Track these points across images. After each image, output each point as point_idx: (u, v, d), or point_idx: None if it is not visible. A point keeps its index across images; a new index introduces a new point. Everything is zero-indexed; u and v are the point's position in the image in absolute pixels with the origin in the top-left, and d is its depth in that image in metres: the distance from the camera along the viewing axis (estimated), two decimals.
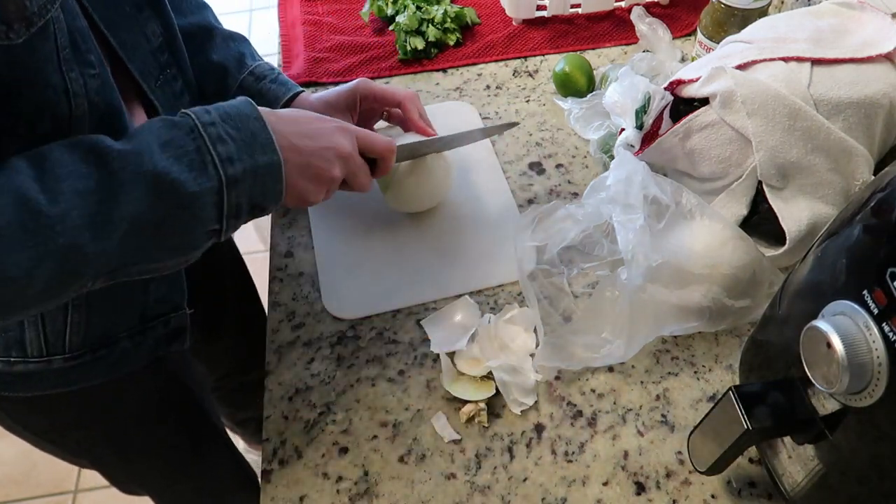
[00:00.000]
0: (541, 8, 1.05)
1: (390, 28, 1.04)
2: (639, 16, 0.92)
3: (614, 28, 1.05)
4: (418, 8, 1.03)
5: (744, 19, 0.83)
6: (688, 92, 0.72)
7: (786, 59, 0.69)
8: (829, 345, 0.42)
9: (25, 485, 1.56)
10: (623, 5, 1.06)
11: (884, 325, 0.41)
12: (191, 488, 0.98)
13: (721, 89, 0.67)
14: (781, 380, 0.52)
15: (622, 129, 0.76)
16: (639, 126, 0.73)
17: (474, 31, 1.06)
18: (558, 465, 0.62)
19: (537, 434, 0.64)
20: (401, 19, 1.01)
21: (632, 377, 0.67)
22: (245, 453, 1.46)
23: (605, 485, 0.61)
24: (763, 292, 0.67)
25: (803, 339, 0.46)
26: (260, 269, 0.89)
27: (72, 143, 0.48)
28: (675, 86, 0.73)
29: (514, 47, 1.03)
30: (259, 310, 1.08)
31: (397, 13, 1.04)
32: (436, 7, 1.04)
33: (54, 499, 1.54)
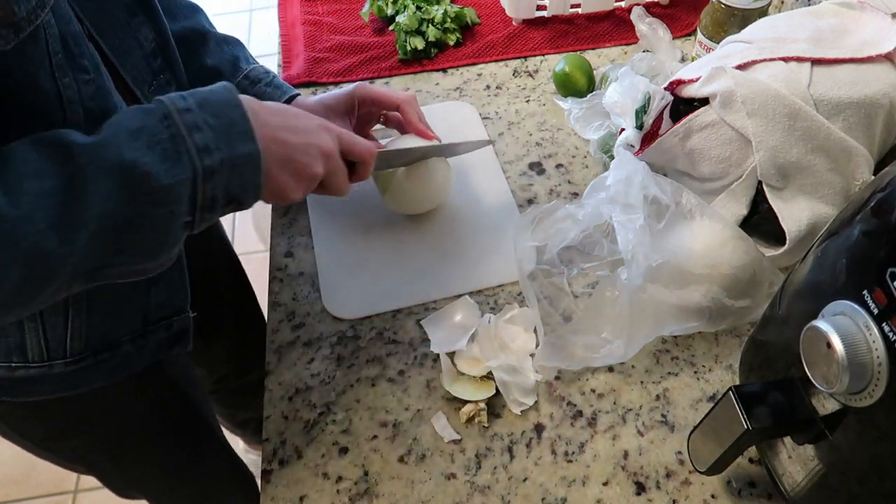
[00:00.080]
0: (541, 8, 1.05)
1: (390, 28, 1.04)
2: (639, 16, 0.92)
3: (614, 28, 1.05)
4: (418, 8, 1.03)
5: (744, 19, 0.83)
6: (688, 92, 0.72)
7: (786, 59, 0.69)
8: (829, 345, 0.42)
9: (25, 485, 1.56)
10: (623, 5, 1.06)
11: (884, 325, 0.41)
12: (188, 492, 0.98)
13: (721, 89, 0.67)
14: (781, 380, 0.52)
15: (622, 129, 0.76)
16: (639, 126, 0.73)
17: (474, 31, 1.06)
18: (558, 465, 0.62)
19: (537, 434, 0.64)
20: (401, 19, 1.01)
21: (632, 377, 0.67)
22: (245, 454, 1.46)
23: (605, 485, 0.61)
24: (763, 292, 0.67)
25: (803, 339, 0.46)
26: (260, 269, 0.89)
27: (36, 139, 0.46)
28: (675, 86, 0.73)
29: (514, 47, 1.03)
30: (256, 310, 1.08)
31: (397, 13, 1.04)
32: (436, 7, 1.04)
33: (54, 499, 1.54)
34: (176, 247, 0.53)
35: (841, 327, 0.42)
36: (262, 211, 0.86)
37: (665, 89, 0.73)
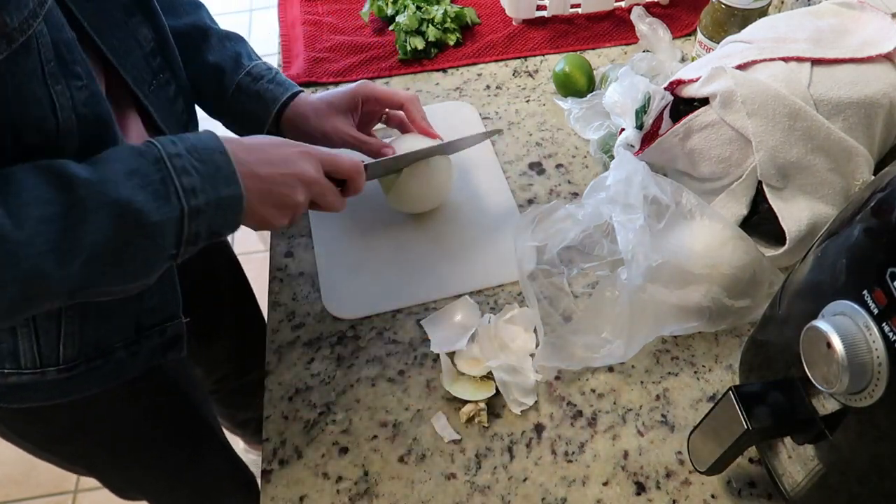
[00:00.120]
0: (541, 8, 1.05)
1: (390, 28, 1.04)
2: (639, 16, 0.92)
3: (614, 28, 1.05)
4: (418, 8, 1.03)
5: (744, 19, 0.83)
6: (688, 92, 0.72)
7: (786, 59, 0.69)
8: (829, 345, 0.42)
9: (25, 485, 1.56)
10: (623, 5, 1.06)
11: (884, 325, 0.41)
12: (188, 492, 0.98)
13: (721, 89, 0.67)
14: (781, 380, 0.52)
15: (622, 129, 0.76)
16: (639, 126, 0.73)
17: (474, 31, 1.06)
18: (558, 465, 0.62)
19: (537, 434, 0.64)
20: (401, 19, 1.01)
21: (632, 377, 0.67)
22: (244, 454, 1.46)
23: (605, 485, 0.61)
24: (763, 292, 0.67)
25: (803, 339, 0.46)
26: (260, 269, 0.89)
27: (38, 166, 0.48)
28: (675, 86, 0.73)
29: (514, 47, 1.03)
30: (256, 311, 1.08)
31: (397, 13, 1.04)
32: (436, 7, 1.04)
33: (54, 499, 1.54)
34: (156, 274, 0.56)
35: (841, 327, 0.42)
36: None
37: (665, 89, 0.73)
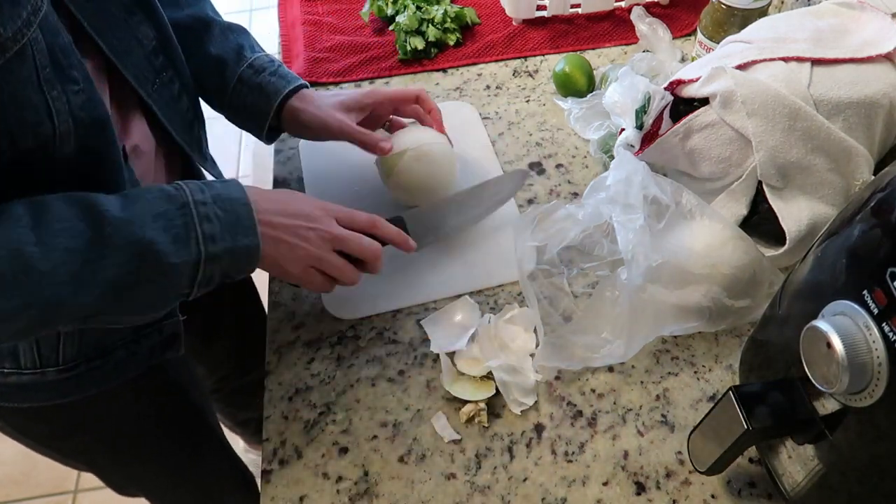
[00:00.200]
0: (541, 8, 1.05)
1: (390, 28, 1.04)
2: (639, 16, 0.92)
3: (614, 28, 1.05)
4: (418, 8, 1.03)
5: (744, 19, 0.83)
6: (688, 92, 0.72)
7: (786, 59, 0.69)
8: (829, 345, 0.42)
9: (25, 485, 1.56)
10: (623, 5, 1.06)
11: (884, 325, 0.41)
12: (188, 491, 0.98)
13: (721, 89, 0.67)
14: (781, 380, 0.52)
15: (622, 129, 0.76)
16: (639, 126, 0.73)
17: (474, 31, 1.06)
18: (558, 465, 0.62)
19: (537, 434, 0.64)
20: (401, 19, 1.01)
21: (632, 377, 0.67)
22: (244, 453, 1.46)
23: (605, 485, 0.61)
24: (763, 292, 0.67)
25: (803, 339, 0.46)
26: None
27: (73, 198, 0.51)
28: (675, 86, 0.73)
29: (514, 47, 1.03)
30: (259, 310, 1.08)
31: (397, 13, 1.04)
32: (436, 7, 1.04)
33: (54, 499, 1.54)
34: (167, 309, 0.59)
35: (841, 327, 0.42)
36: None
37: (665, 89, 0.73)
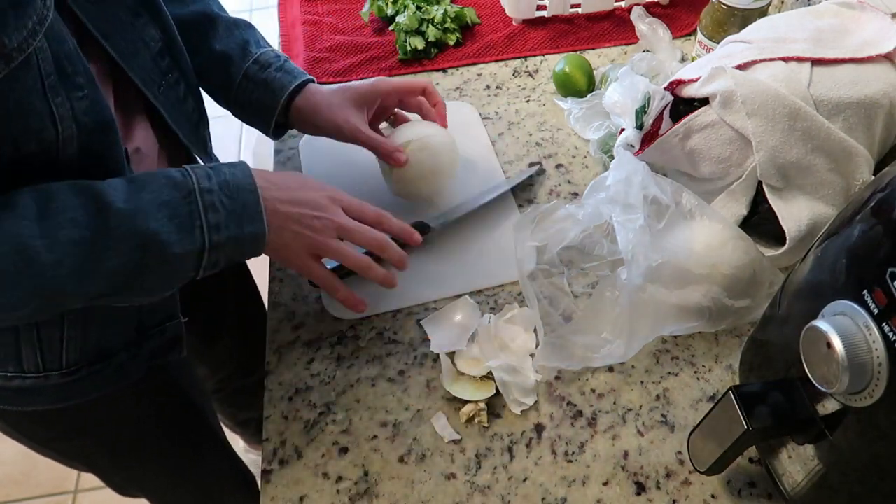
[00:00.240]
0: (541, 8, 1.05)
1: (390, 28, 1.04)
2: (639, 16, 0.92)
3: (614, 28, 1.05)
4: (418, 8, 1.03)
5: (744, 19, 0.83)
6: (688, 92, 0.72)
7: (786, 59, 0.69)
8: (829, 345, 0.42)
9: (25, 485, 1.56)
10: (623, 5, 1.06)
11: (884, 325, 0.41)
12: (188, 491, 0.98)
13: (721, 89, 0.67)
14: (781, 380, 0.52)
15: (622, 129, 0.76)
16: (639, 126, 0.73)
17: (474, 31, 1.06)
18: (558, 465, 0.62)
19: (537, 434, 0.64)
20: (401, 19, 1.01)
21: (632, 377, 0.67)
22: (244, 453, 1.46)
23: (605, 485, 0.61)
24: (763, 292, 0.67)
25: (803, 339, 0.46)
26: (260, 269, 0.89)
27: (79, 186, 0.51)
28: (675, 86, 0.73)
29: (514, 47, 1.03)
30: (260, 310, 1.08)
31: (397, 13, 1.04)
32: (436, 7, 1.04)
33: (54, 499, 1.54)
34: (174, 289, 0.60)
35: (841, 327, 0.42)
36: None
37: (665, 89, 0.73)
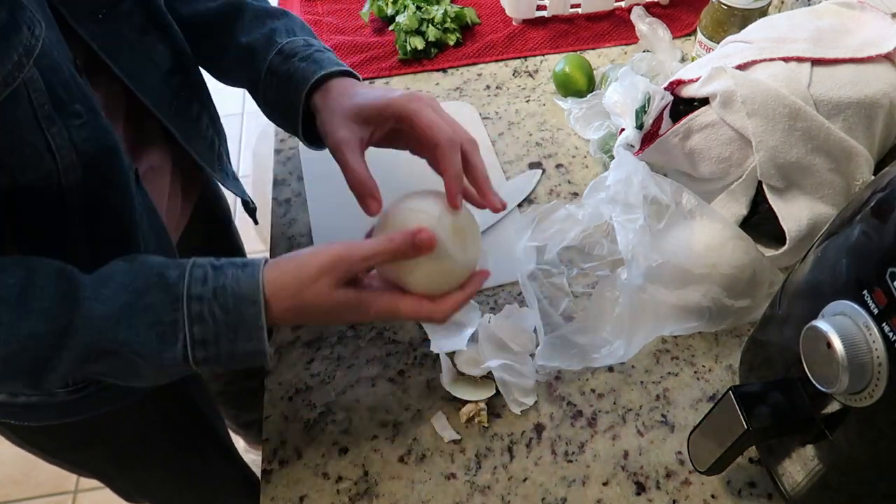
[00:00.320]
0: (541, 8, 1.05)
1: (390, 28, 1.04)
2: (639, 16, 0.92)
3: (614, 28, 1.05)
4: (418, 8, 1.03)
5: (744, 19, 0.83)
6: (688, 92, 0.72)
7: (786, 59, 0.69)
8: (829, 345, 0.42)
9: (25, 485, 1.56)
10: (623, 5, 1.06)
11: (884, 325, 0.41)
12: (194, 496, 0.98)
13: (721, 89, 0.67)
14: (781, 380, 0.52)
15: (622, 129, 0.76)
16: (639, 126, 0.73)
17: (474, 31, 1.06)
18: (558, 465, 0.62)
19: (537, 434, 0.64)
20: (401, 19, 1.01)
21: (632, 377, 0.67)
22: (245, 453, 1.46)
23: (605, 485, 0.61)
24: (763, 292, 0.67)
25: (803, 339, 0.46)
26: None
27: (61, 275, 0.47)
28: (675, 86, 0.73)
29: (514, 47, 1.03)
30: None
31: (397, 13, 1.04)
32: (436, 7, 1.04)
33: (54, 499, 1.54)
34: (166, 381, 0.53)
35: (841, 327, 0.42)
36: (261, 210, 0.86)
37: (665, 89, 0.73)
